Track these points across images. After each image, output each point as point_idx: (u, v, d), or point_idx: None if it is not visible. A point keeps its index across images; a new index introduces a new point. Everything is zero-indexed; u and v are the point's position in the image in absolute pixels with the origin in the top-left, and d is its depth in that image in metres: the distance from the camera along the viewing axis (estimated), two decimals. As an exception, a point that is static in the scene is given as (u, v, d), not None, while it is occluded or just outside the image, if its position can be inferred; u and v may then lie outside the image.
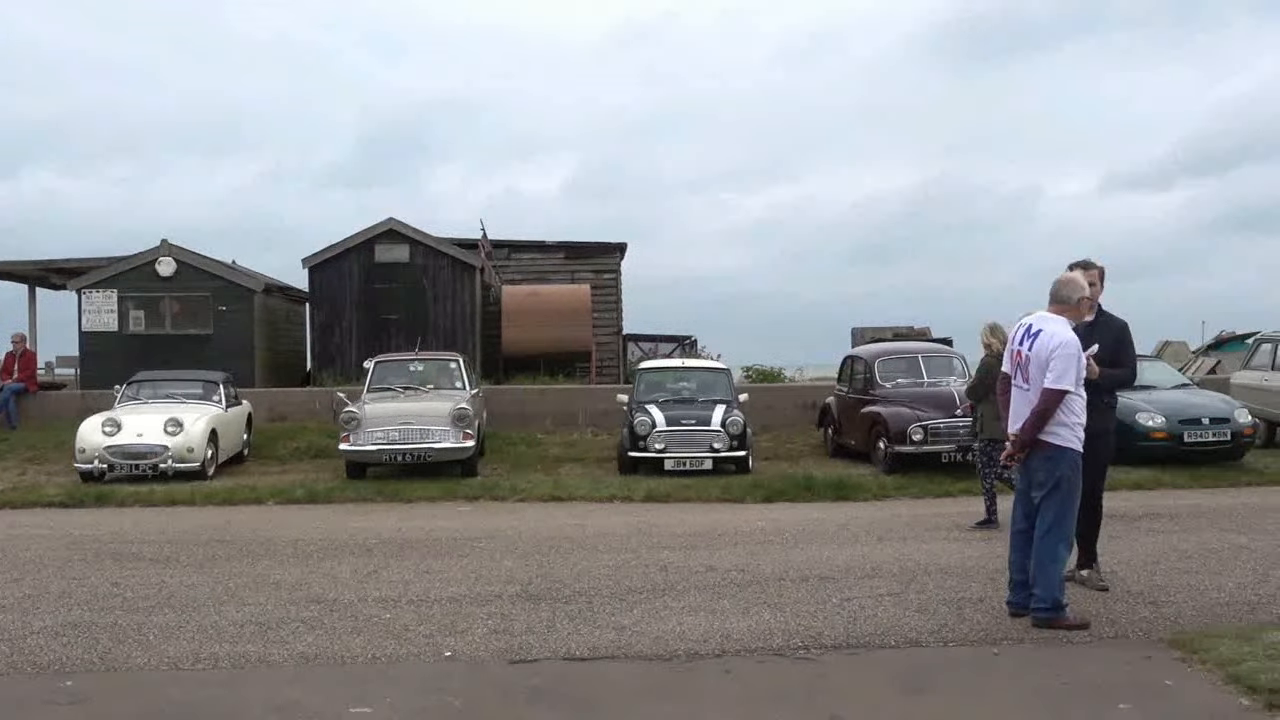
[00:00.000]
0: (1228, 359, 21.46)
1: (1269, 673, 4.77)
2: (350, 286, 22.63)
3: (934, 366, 14.81)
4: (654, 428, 13.77)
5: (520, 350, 23.19)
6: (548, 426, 17.92)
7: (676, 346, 27.82)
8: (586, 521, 10.31)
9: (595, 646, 5.74)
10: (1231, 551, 8.03)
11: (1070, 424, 5.88)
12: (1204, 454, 13.19)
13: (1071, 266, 7.33)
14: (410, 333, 21.04)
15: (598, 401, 18.20)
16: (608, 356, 25.58)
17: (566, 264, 26.34)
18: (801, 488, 12.34)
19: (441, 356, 16.47)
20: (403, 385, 14.94)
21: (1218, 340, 24.55)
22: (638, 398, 14.85)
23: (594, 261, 26.39)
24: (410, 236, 22.86)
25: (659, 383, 15.52)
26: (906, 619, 6.17)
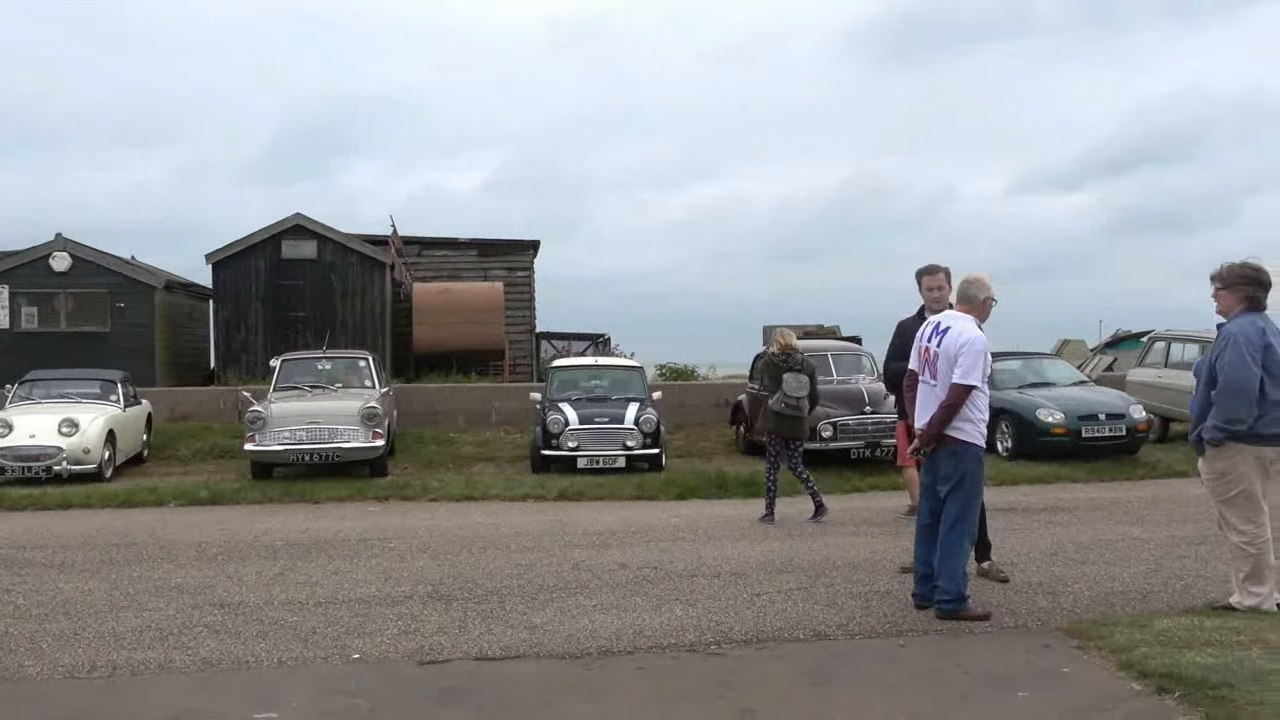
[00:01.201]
0: (1124, 357, 22.18)
1: (1159, 658, 4.94)
2: (256, 283, 22.17)
3: (843, 365, 15.05)
4: (567, 426, 13.76)
5: (432, 348, 22.94)
6: (460, 425, 17.77)
7: (590, 345, 27.81)
8: (499, 520, 10.25)
9: (507, 646, 5.71)
10: (1126, 543, 8.31)
11: (975, 420, 6.02)
12: (1101, 449, 13.63)
13: (920, 270, 7.61)
14: (318, 330, 20.71)
15: (511, 400, 18.11)
16: (521, 355, 25.46)
17: (479, 261, 26.14)
18: (714, 485, 12.44)
19: (350, 354, 16.24)
20: (310, 384, 14.69)
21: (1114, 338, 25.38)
22: (551, 396, 14.81)
23: (507, 259, 26.23)
24: (318, 232, 22.48)
25: (572, 381, 15.50)
26: (815, 613, 6.26)
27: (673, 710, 4.69)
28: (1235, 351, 5.76)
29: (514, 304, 25.19)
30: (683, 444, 16.27)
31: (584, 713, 4.70)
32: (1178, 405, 14.55)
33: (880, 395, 13.31)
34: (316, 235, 22.46)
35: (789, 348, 10.08)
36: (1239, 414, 5.74)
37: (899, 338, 7.91)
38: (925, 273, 7.68)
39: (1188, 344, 15.74)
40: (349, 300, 22.51)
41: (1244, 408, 5.73)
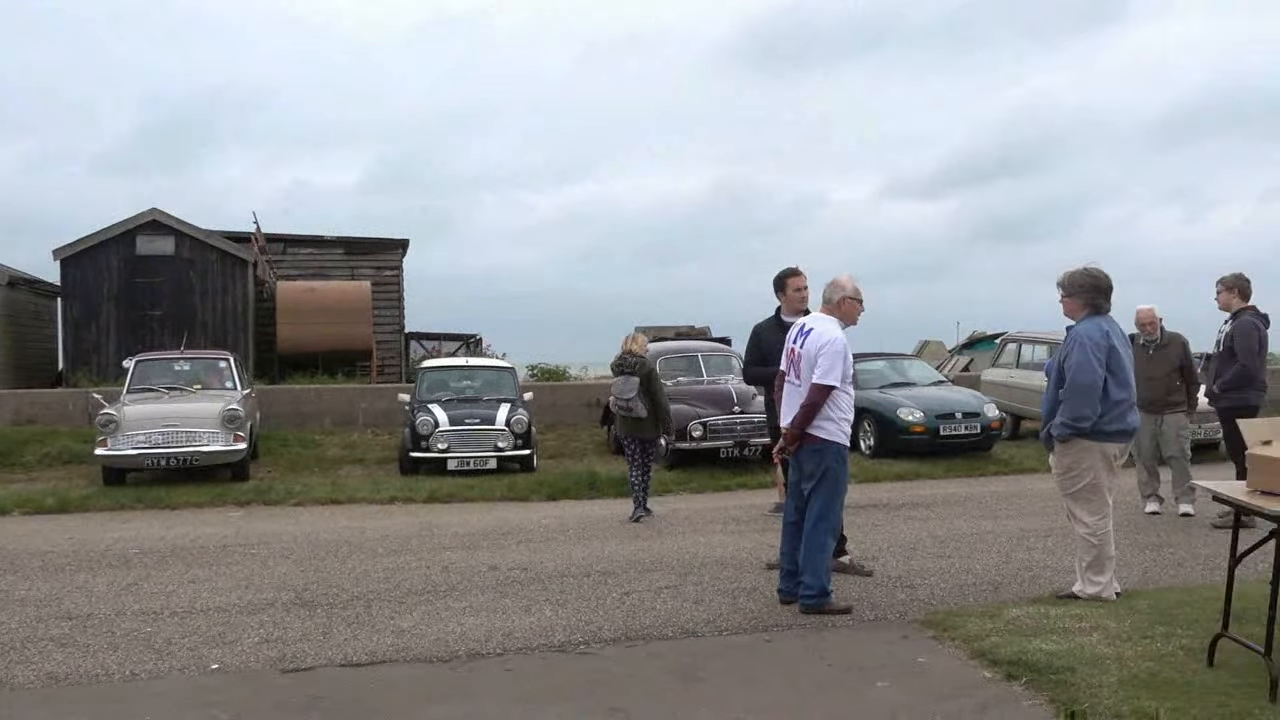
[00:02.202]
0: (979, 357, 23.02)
1: (1008, 646, 5.16)
2: (109, 280, 21.26)
3: (713, 365, 15.25)
4: (437, 427, 13.60)
5: (297, 348, 22.37)
6: (326, 427, 17.38)
7: (461, 345, 27.53)
8: (366, 524, 10.07)
9: (374, 651, 5.62)
10: (980, 536, 8.64)
11: (836, 419, 6.18)
12: (958, 446, 14.14)
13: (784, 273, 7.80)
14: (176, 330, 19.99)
15: (378, 401, 17.80)
16: (389, 355, 25.04)
17: (346, 260, 25.60)
18: (585, 485, 12.47)
19: (210, 355, 15.69)
20: (167, 385, 14.12)
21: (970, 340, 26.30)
22: (420, 397, 14.61)
23: (375, 258, 25.77)
24: (176, 228, 21.69)
25: (442, 382, 15.33)
26: (684, 610, 6.34)
27: (542, 710, 4.69)
28: (1082, 353, 6.06)
29: (382, 303, 24.76)
30: (554, 444, 16.25)
31: (451, 716, 4.66)
32: (1029, 404, 15.24)
33: (749, 395, 13.55)
34: (174, 231, 21.64)
35: (628, 351, 10.34)
36: (1084, 412, 6.04)
37: (755, 342, 8.05)
38: (790, 274, 7.84)
39: (1037, 345, 16.48)
40: (209, 299, 21.77)
41: (1089, 406, 6.03)
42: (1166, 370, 9.57)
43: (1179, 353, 9.69)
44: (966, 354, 24.94)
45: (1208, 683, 4.57)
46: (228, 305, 21.90)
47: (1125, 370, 6.12)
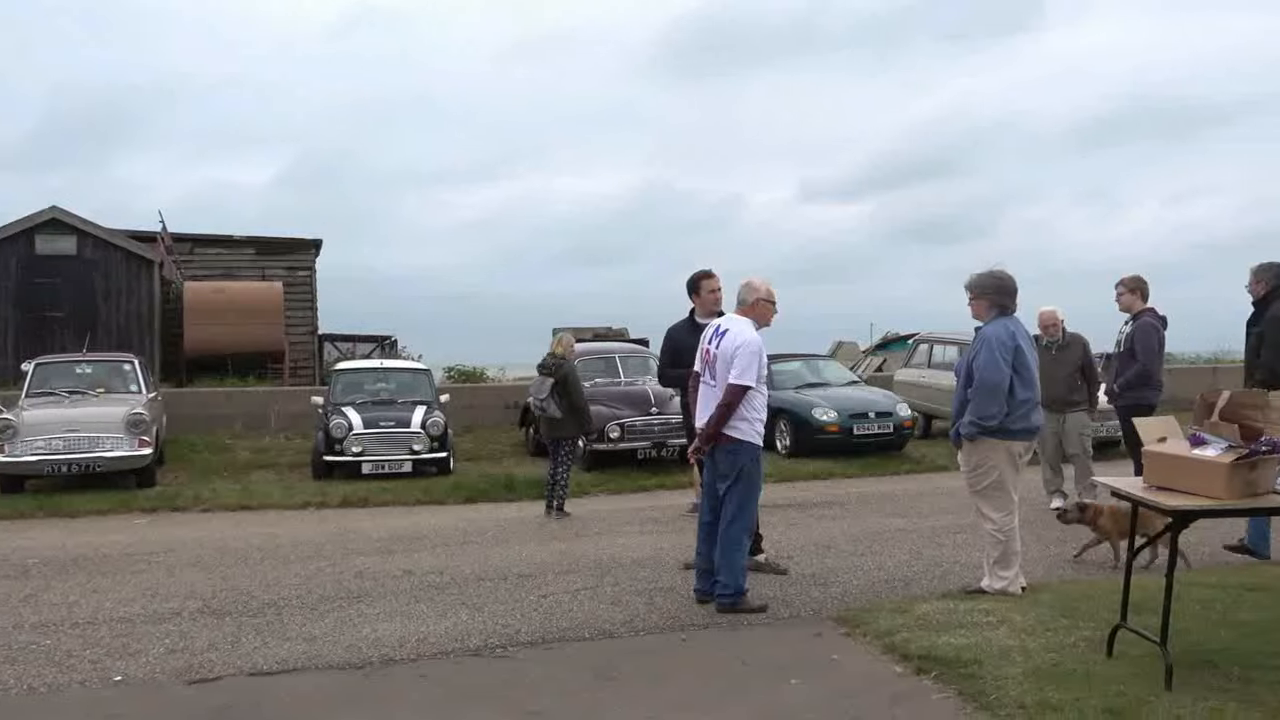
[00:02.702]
0: (892, 358, 23.42)
1: (918, 641, 5.26)
2: (6, 281, 20.57)
3: (630, 366, 15.28)
4: (351, 430, 13.42)
5: (205, 350, 21.86)
6: (236, 431, 17.02)
7: (376, 347, 27.17)
8: (278, 530, 9.88)
9: (284, 659, 5.51)
10: (892, 533, 8.79)
11: (751, 419, 6.23)
12: (871, 445, 14.37)
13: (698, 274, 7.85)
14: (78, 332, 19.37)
15: (291, 404, 17.50)
16: (302, 357, 24.61)
17: (257, 260, 25.11)
18: (503, 487, 12.42)
19: (114, 358, 15.25)
20: (68, 389, 13.69)
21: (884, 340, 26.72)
22: (334, 399, 14.40)
23: (287, 258, 25.31)
24: (78, 227, 21.06)
25: (356, 384, 15.13)
26: (601, 611, 6.34)
27: (456, 715, 4.66)
28: (988, 353, 6.20)
29: (294, 304, 24.33)
30: (471, 447, 16.13)
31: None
32: (939, 403, 15.54)
33: (666, 396, 13.60)
34: (76, 230, 21.02)
35: (550, 353, 10.51)
36: (991, 410, 6.18)
37: (670, 343, 8.07)
38: (704, 276, 7.86)
39: (948, 346, 16.81)
40: (113, 300, 21.18)
41: (996, 405, 6.17)
42: (1069, 370, 9.85)
43: (1080, 353, 9.98)
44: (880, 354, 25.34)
45: (1107, 672, 4.71)
46: (132, 306, 21.33)
47: (1030, 370, 6.28)
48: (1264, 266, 7.70)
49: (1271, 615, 5.63)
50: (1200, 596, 6.03)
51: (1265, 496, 4.52)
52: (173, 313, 22.68)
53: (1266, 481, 4.53)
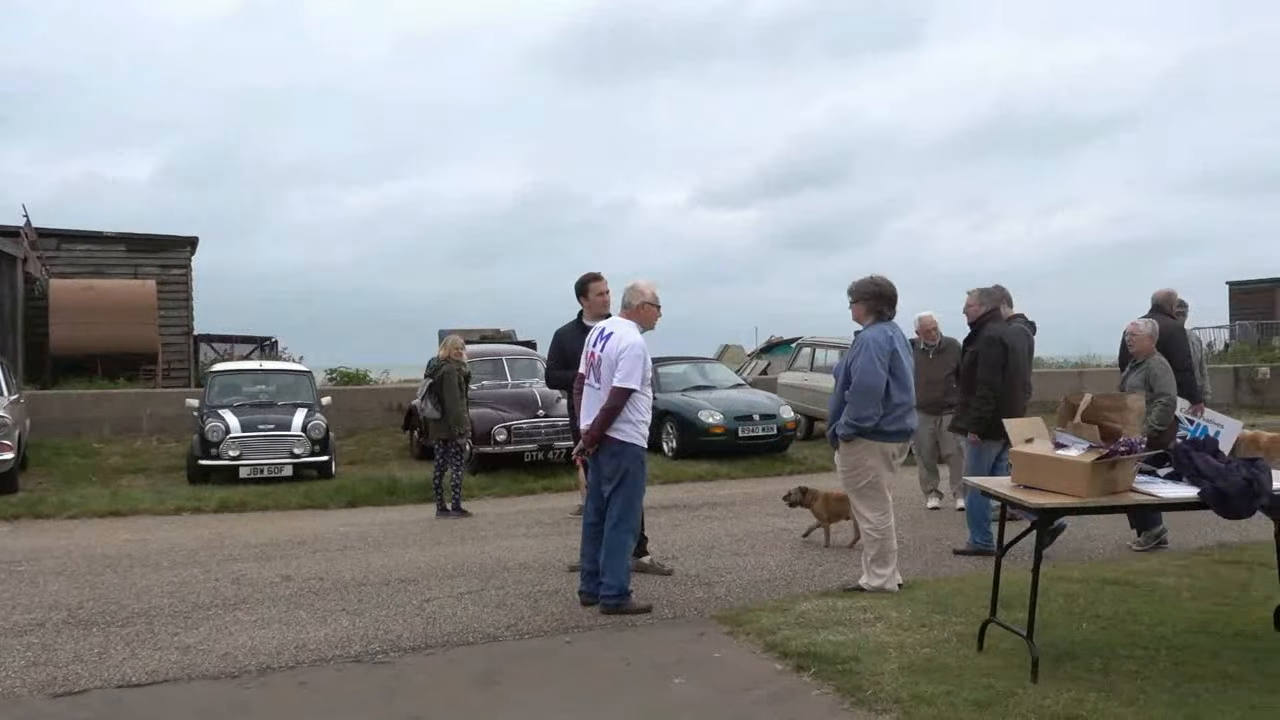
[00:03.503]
0: (776, 361, 23.80)
1: (798, 639, 5.38)
2: None
3: (517, 369, 15.23)
4: (228, 433, 13.08)
5: (73, 350, 20.96)
6: (106, 435, 16.39)
7: (255, 348, 26.47)
8: (150, 536, 9.57)
9: (155, 670, 5.33)
10: (774, 534, 8.94)
11: (635, 421, 6.27)
12: (755, 447, 14.59)
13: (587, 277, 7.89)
14: (-66, 331, 18.41)
15: (165, 406, 16.95)
16: (176, 358, 23.81)
17: (129, 257, 24.19)
18: (386, 491, 12.25)
19: (-27, 358, 14.55)
20: (-77, 391, 13.03)
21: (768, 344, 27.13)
22: (210, 402, 14.01)
23: (161, 255, 24.45)
24: (-67, 221, 19.97)
25: (234, 386, 14.75)
26: (485, 615, 6.30)
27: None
28: (866, 356, 6.37)
29: (168, 303, 23.52)
30: (354, 450, 15.86)
31: (240, 734, 4.49)
32: (821, 405, 15.83)
33: (553, 399, 13.59)
34: (-69, 224, 19.95)
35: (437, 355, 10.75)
36: (867, 412, 6.35)
37: (558, 345, 8.07)
38: (592, 279, 7.87)
39: (830, 350, 17.16)
40: (-29, 297, 20.16)
41: (872, 407, 6.34)
42: (945, 373, 10.17)
43: (956, 357, 10.30)
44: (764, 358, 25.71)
45: (977, 666, 4.88)
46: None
47: (906, 374, 6.47)
48: (983, 290, 8.30)
49: (1129, 608, 5.92)
50: (1064, 591, 6.30)
51: (1124, 494, 4.74)
52: (37, 311, 21.69)
53: (1125, 480, 4.76)
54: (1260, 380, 22.85)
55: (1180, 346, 9.08)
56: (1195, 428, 5.16)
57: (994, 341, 7.89)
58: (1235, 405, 20.61)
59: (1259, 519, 4.94)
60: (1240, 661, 4.88)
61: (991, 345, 7.89)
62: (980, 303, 8.21)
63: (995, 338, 7.91)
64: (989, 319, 8.11)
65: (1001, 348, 7.87)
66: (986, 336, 7.96)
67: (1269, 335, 29.21)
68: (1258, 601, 5.96)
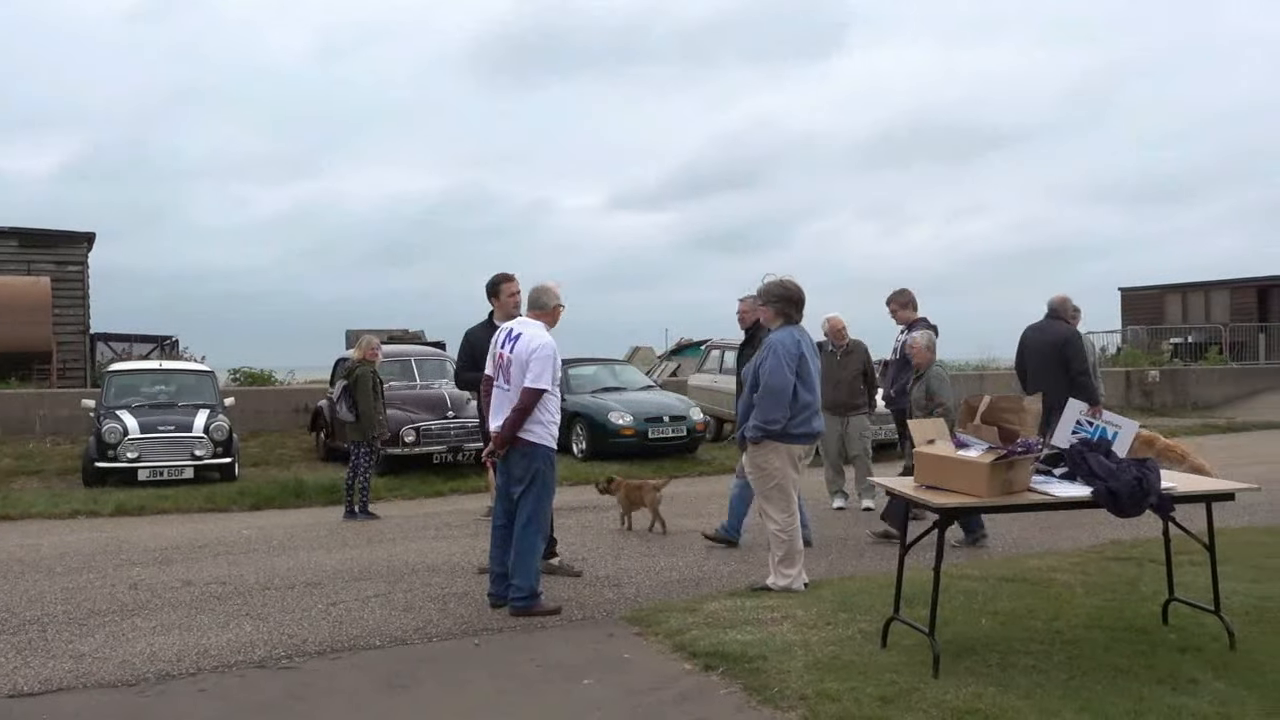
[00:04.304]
0: (686, 363, 23.98)
1: (706, 639, 5.43)
2: None
3: (426, 369, 15.10)
4: (126, 435, 12.72)
5: (-39, 349, 20.18)
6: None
7: (155, 348, 25.73)
8: (42, 540, 9.27)
9: (48, 679, 5.16)
10: (683, 534, 9.00)
11: (545, 422, 6.27)
12: (665, 448, 14.68)
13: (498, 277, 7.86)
14: None
15: (59, 407, 16.42)
16: (72, 357, 23.07)
17: (22, 253, 23.38)
18: (291, 493, 12.04)
19: None
20: None
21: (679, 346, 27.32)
22: (107, 403, 13.61)
23: (56, 251, 23.68)
24: None
25: (133, 386, 14.36)
26: (393, 618, 6.23)
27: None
28: (775, 359, 6.45)
29: (64, 301, 22.79)
30: (258, 452, 15.54)
31: (138, 743, 4.37)
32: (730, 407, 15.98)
33: (463, 400, 13.50)
34: None
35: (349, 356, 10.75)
36: (775, 415, 6.43)
37: (468, 346, 8.01)
38: (504, 280, 7.83)
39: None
40: None
41: (779, 410, 6.43)
42: (851, 375, 10.36)
43: (863, 359, 10.52)
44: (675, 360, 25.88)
45: (881, 662, 4.99)
46: (-125, 300, 19.46)
47: (812, 377, 6.57)
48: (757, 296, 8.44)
49: (1026, 604, 6.10)
50: (964, 588, 6.46)
51: (1021, 494, 4.89)
52: (-77, 308, 20.83)
53: (1023, 480, 4.91)
54: (1150, 383, 23.74)
55: (1078, 350, 9.40)
56: (1094, 429, 5.33)
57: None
58: (1128, 407, 21.34)
59: (1149, 517, 5.13)
60: (1131, 655, 5.06)
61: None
62: (753, 308, 8.36)
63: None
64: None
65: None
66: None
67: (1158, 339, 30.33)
68: (1147, 596, 6.19)
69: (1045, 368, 9.31)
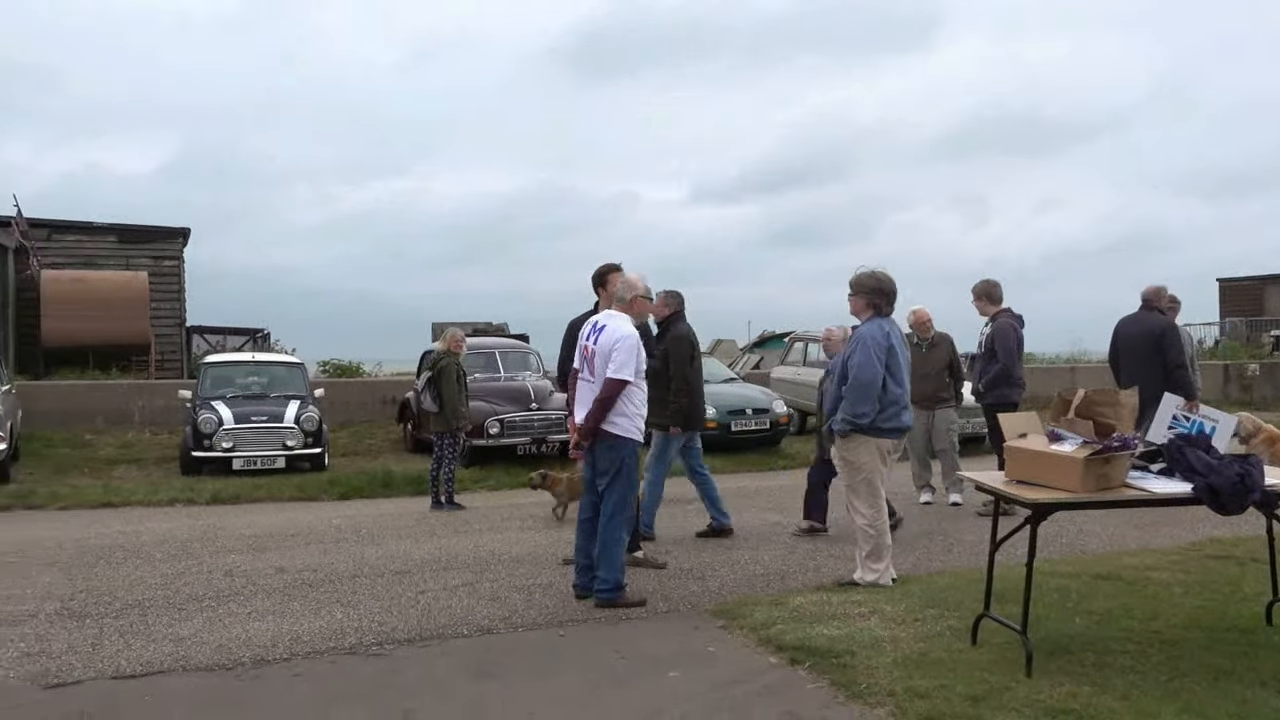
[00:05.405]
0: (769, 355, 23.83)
1: (793, 633, 5.39)
2: None
3: (510, 361, 15.23)
4: (221, 425, 13.07)
5: (65, 342, 20.92)
6: (98, 426, 16.35)
7: (247, 340, 26.40)
8: (142, 528, 9.55)
9: (149, 662, 5.33)
10: (768, 527, 8.96)
11: (630, 414, 6.27)
12: (748, 441, 14.60)
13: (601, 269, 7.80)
14: (-76, 321, 18.36)
15: (157, 398, 16.91)
16: (169, 349, 23.76)
17: (120, 249, 24.13)
18: (380, 484, 12.25)
19: (-36, 349, 14.50)
20: (-87, 382, 12.99)
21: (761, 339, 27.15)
22: (203, 394, 13.99)
23: (153, 247, 24.40)
24: (-76, 211, 19.90)
25: (227, 378, 14.73)
26: (479, 608, 6.30)
27: (329, 715, 4.57)
28: (864, 352, 6.37)
29: (161, 295, 23.48)
30: (347, 443, 15.85)
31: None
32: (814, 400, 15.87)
33: (546, 392, 13.59)
34: (-78, 214, 19.88)
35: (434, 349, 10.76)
36: (864, 408, 6.35)
37: (570, 337, 8.00)
38: (612, 270, 7.44)
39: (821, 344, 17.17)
40: (-38, 288, 20.10)
41: (868, 403, 6.34)
42: (937, 368, 10.19)
43: (948, 351, 10.34)
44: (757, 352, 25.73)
45: (971, 660, 4.90)
46: (-17, 295, 20.29)
47: (902, 370, 6.48)
48: (670, 293, 8.48)
49: (1122, 603, 5.94)
50: (1058, 586, 6.32)
51: (1117, 490, 4.76)
52: (28, 302, 21.64)
53: (1119, 475, 4.77)
54: (1250, 377, 22.95)
55: (1174, 343, 9.12)
56: (1191, 424, 5.16)
57: (681, 339, 8.39)
58: (1225, 401, 20.67)
59: (1251, 514, 4.96)
60: (1233, 656, 4.90)
61: (679, 343, 8.36)
62: (667, 304, 8.43)
63: (683, 336, 8.42)
64: (674, 319, 8.49)
65: (689, 344, 8.44)
66: (673, 335, 8.38)
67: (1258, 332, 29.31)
68: (1250, 597, 5.99)
69: (1140, 360, 9.07)
